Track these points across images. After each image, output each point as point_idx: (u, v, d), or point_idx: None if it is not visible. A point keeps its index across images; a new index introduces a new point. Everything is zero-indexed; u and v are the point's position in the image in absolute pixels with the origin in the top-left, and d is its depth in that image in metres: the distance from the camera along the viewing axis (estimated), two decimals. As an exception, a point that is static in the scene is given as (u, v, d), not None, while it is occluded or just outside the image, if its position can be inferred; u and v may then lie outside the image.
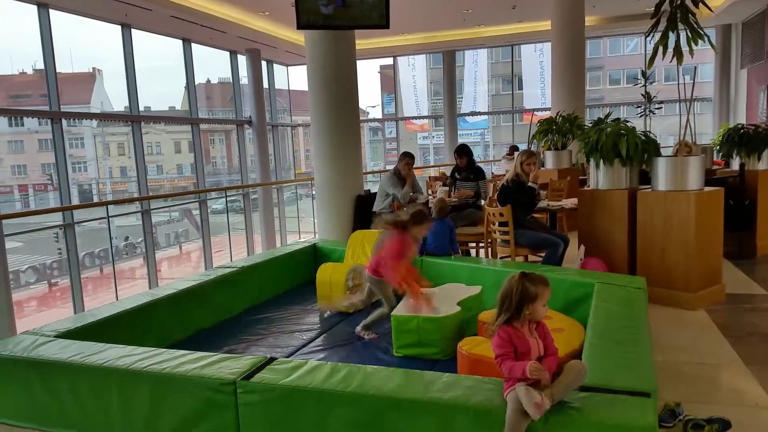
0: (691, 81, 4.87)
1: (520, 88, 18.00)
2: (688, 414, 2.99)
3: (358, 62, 6.95)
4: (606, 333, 3.19)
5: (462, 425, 2.45)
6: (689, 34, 4.87)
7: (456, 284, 4.44)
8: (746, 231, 6.31)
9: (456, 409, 2.45)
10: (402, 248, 3.94)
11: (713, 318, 4.57)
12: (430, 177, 9.54)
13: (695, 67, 5.31)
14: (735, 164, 6.66)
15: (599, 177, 5.13)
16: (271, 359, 3.03)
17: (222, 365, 2.97)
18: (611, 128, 4.98)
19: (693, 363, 3.76)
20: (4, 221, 6.82)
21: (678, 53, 4.91)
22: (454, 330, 3.78)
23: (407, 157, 6.53)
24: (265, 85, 14.61)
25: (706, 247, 4.74)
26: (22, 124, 21.10)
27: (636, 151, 4.85)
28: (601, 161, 5.01)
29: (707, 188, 4.81)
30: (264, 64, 14.50)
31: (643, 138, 4.97)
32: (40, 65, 8.94)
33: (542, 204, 5.42)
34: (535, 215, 5.59)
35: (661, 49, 4.93)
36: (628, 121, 5.23)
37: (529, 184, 5.30)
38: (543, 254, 5.19)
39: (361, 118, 7.14)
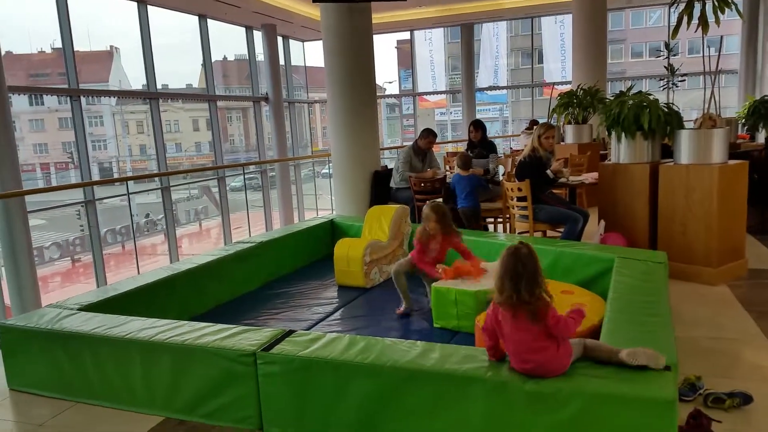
0: (717, 53, 4.75)
1: (540, 61, 17.72)
2: (708, 388, 2.96)
3: (374, 37, 6.88)
4: (626, 307, 3.17)
5: (478, 397, 2.46)
6: (715, 3, 4.73)
7: None
8: (770, 206, 6.20)
9: (472, 381, 2.45)
10: (419, 247, 4.18)
11: (735, 293, 4.51)
12: (447, 153, 9.46)
13: (721, 38, 5.16)
14: (760, 138, 6.52)
15: (620, 150, 5.05)
16: (290, 332, 3.05)
17: (242, 337, 3.00)
18: (633, 100, 4.89)
19: (714, 338, 3.72)
20: (27, 199, 6.93)
21: (703, 23, 4.77)
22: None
23: (431, 135, 6.49)
24: (281, 61, 14.55)
25: (728, 222, 4.67)
26: (42, 103, 21.29)
27: (658, 124, 4.76)
28: (623, 134, 4.92)
29: (731, 161, 4.71)
30: (280, 40, 14.42)
31: (666, 110, 4.87)
32: (59, 44, 8.98)
33: (562, 179, 5.35)
34: (554, 190, 5.54)
35: (685, 18, 4.80)
36: (650, 95, 5.13)
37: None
38: (562, 229, 5.14)
39: (377, 94, 7.08)
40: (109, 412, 3.17)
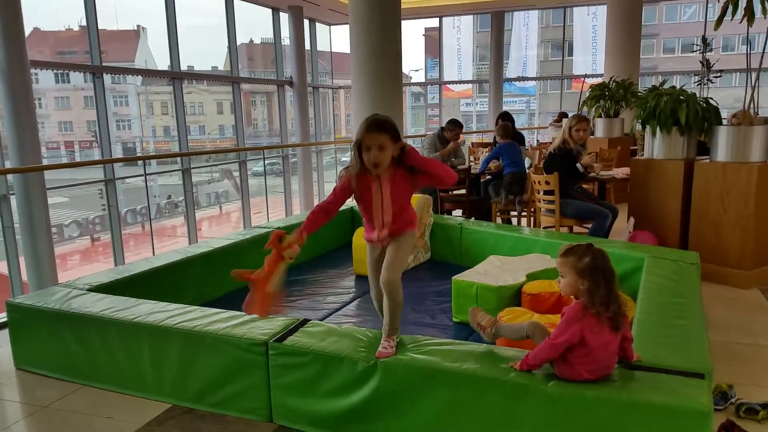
0: (761, 50, 4.51)
1: (571, 54, 17.36)
2: (740, 397, 2.80)
3: (402, 22, 6.70)
4: (657, 309, 3.00)
5: (496, 400, 2.32)
6: (763, -7, 4.49)
7: (543, 255, 4.19)
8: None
9: (491, 383, 2.32)
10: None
11: (769, 298, 4.31)
12: (472, 144, 9.27)
13: (767, 35, 4.91)
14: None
15: (654, 145, 4.85)
16: (304, 321, 2.94)
17: (254, 325, 2.90)
18: (670, 94, 4.67)
19: (746, 344, 3.53)
20: (49, 176, 6.91)
21: (750, 14, 4.53)
22: (512, 300, 3.62)
23: (458, 127, 6.33)
24: (307, 46, 14.41)
25: (764, 224, 4.45)
26: (68, 81, 21.45)
27: (696, 119, 4.55)
28: (658, 128, 4.71)
29: (771, 160, 4.49)
30: (306, 23, 14.28)
31: (704, 105, 4.65)
32: (85, 22, 8.94)
33: (592, 174, 5.16)
34: (583, 185, 5.35)
35: (731, 8, 4.56)
36: (686, 90, 4.90)
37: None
38: (589, 225, 4.96)
39: (403, 81, 6.91)
40: (116, 396, 3.10)
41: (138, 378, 3.07)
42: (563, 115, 9.04)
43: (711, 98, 4.74)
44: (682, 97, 4.66)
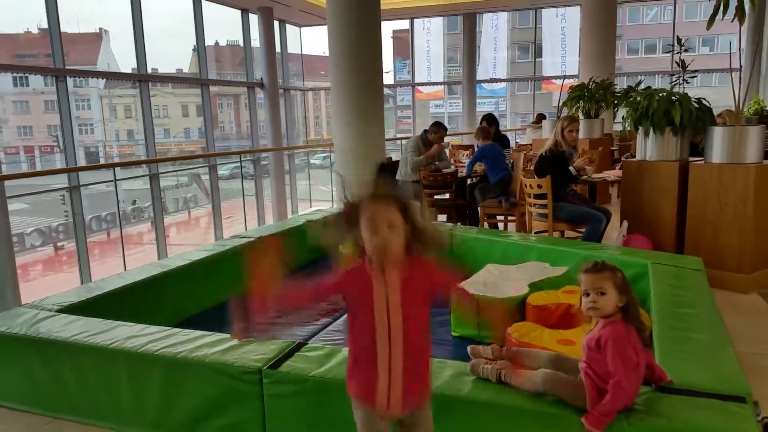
0: (735, 50, 4.44)
1: (540, 56, 17.38)
2: (767, 416, 2.65)
3: (374, 24, 6.49)
4: (675, 323, 2.84)
5: (524, 430, 2.12)
6: (754, -9, 4.41)
7: (541, 263, 4.03)
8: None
9: (522, 413, 2.11)
10: None
11: (770, 303, 4.21)
12: (452, 146, 9.11)
13: None
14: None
15: (647, 147, 4.73)
16: (300, 345, 2.69)
17: (244, 350, 2.64)
18: (663, 94, 4.56)
19: (760, 354, 3.40)
20: (9, 183, 6.49)
21: (740, 13, 4.45)
22: (516, 313, 3.42)
23: (442, 129, 6.15)
24: (278, 48, 14.09)
25: (763, 226, 4.36)
26: (27, 84, 20.68)
27: (690, 120, 4.44)
28: (651, 129, 4.59)
29: (766, 161, 4.40)
30: (276, 24, 13.96)
31: (697, 106, 4.55)
32: (45, 24, 8.50)
33: (584, 176, 5.03)
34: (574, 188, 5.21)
35: (722, 7, 4.47)
36: (664, 90, 4.78)
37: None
38: (582, 230, 4.82)
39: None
40: (91, 430, 2.81)
41: (116, 409, 2.78)
42: (541, 116, 8.95)
43: (704, 99, 4.64)
44: (674, 98, 4.55)
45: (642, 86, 5.34)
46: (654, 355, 2.19)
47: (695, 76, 9.77)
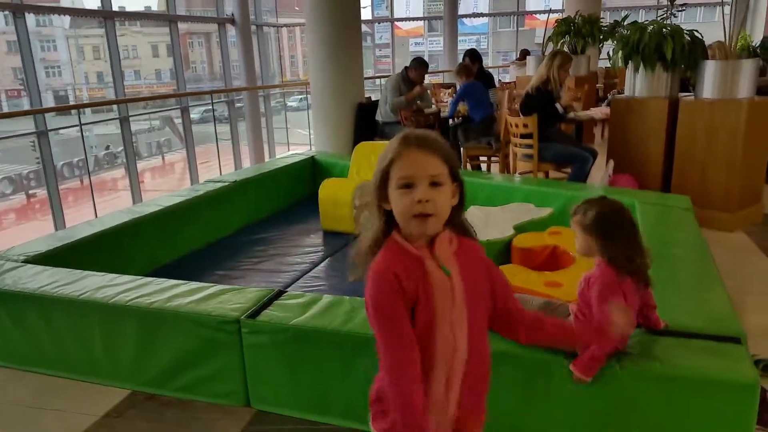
0: None
1: (523, -10, 16.88)
2: (756, 354, 2.62)
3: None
4: (664, 263, 2.76)
5: (517, 378, 2.05)
6: None
7: (526, 204, 3.91)
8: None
9: (504, 359, 2.03)
10: None
11: (755, 240, 4.19)
12: (435, 85, 8.85)
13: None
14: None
15: (636, 83, 4.58)
16: (279, 293, 2.58)
17: (221, 299, 2.52)
18: (654, 27, 4.38)
19: (747, 293, 3.38)
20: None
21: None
22: (502, 255, 3.32)
23: (422, 67, 5.90)
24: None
25: (751, 164, 4.30)
26: (-14, 24, 19.68)
27: (682, 54, 4.28)
28: (641, 64, 4.43)
29: (758, 97, 4.29)
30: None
31: (689, 39, 4.38)
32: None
33: (571, 114, 4.87)
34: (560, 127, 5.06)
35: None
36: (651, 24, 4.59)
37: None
38: (568, 170, 4.70)
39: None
40: (65, 383, 2.71)
41: (90, 362, 2.68)
42: (525, 52, 8.71)
43: (696, 31, 4.47)
44: (665, 30, 4.37)
45: (628, 21, 5.14)
46: (653, 304, 2.10)
47: (683, 10, 9.56)
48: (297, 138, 13.78)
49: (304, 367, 2.32)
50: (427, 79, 6.13)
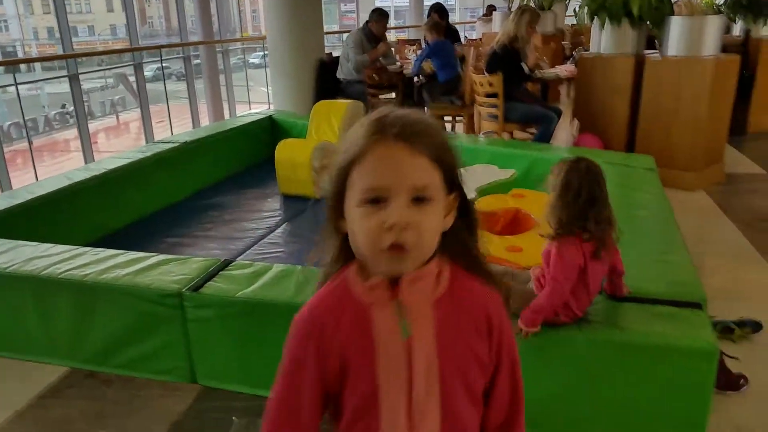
0: None
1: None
2: (713, 315, 2.59)
3: None
4: (626, 226, 2.67)
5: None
6: None
7: (489, 166, 3.75)
8: (741, 105, 5.83)
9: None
10: None
11: (716, 200, 4.18)
12: (400, 41, 8.57)
13: None
14: (735, 30, 6.05)
15: (602, 40, 4.47)
16: (226, 262, 2.43)
17: (162, 270, 2.36)
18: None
19: (707, 253, 3.35)
20: None
21: None
22: None
23: (384, 18, 5.65)
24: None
25: (715, 123, 4.25)
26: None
27: (649, 10, 4.16)
28: (607, 21, 4.29)
29: (722, 55, 4.21)
30: None
31: (656, -6, 4.26)
32: None
33: (538, 74, 4.73)
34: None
35: None
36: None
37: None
38: (532, 130, 4.59)
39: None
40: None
41: (24, 338, 2.50)
42: (491, 8, 8.48)
43: (663, -14, 4.34)
44: (632, -15, 4.24)
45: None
46: (621, 271, 2.01)
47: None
48: (260, 96, 13.37)
49: (254, 342, 2.20)
50: (392, 36, 5.90)
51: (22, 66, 9.17)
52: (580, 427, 1.95)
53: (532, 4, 7.27)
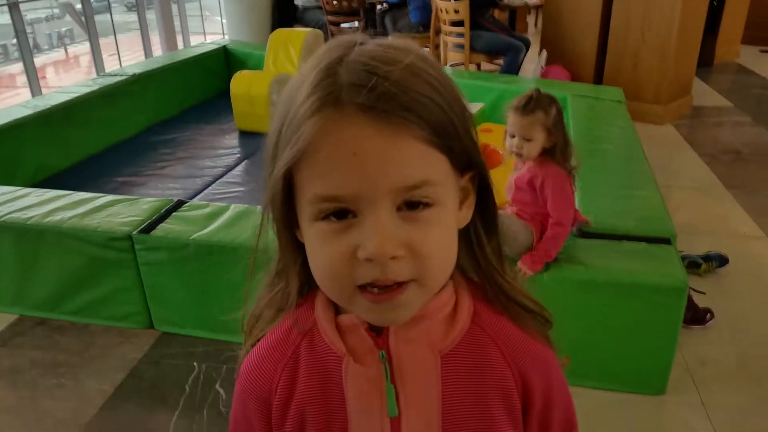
0: None
1: None
2: (681, 250, 2.58)
3: None
4: (594, 160, 2.63)
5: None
6: None
7: None
8: (709, 36, 5.76)
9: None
10: None
11: (682, 133, 4.16)
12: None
13: None
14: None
15: (572, -34, 4.28)
16: (180, 203, 2.29)
17: (111, 212, 2.22)
18: None
19: (674, 186, 3.34)
20: None
21: None
22: None
23: None
24: None
25: (684, 54, 4.18)
26: None
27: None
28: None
29: (693, -17, 4.09)
30: None
31: None
32: None
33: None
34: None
35: None
36: None
37: None
38: (499, 62, 4.45)
39: None
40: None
41: (-34, 287, 2.35)
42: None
43: None
44: None
45: None
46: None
47: None
48: (216, 27, 12.78)
49: (211, 286, 2.10)
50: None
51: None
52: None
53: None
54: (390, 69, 0.46)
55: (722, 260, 2.56)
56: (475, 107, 3.52)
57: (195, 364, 2.06)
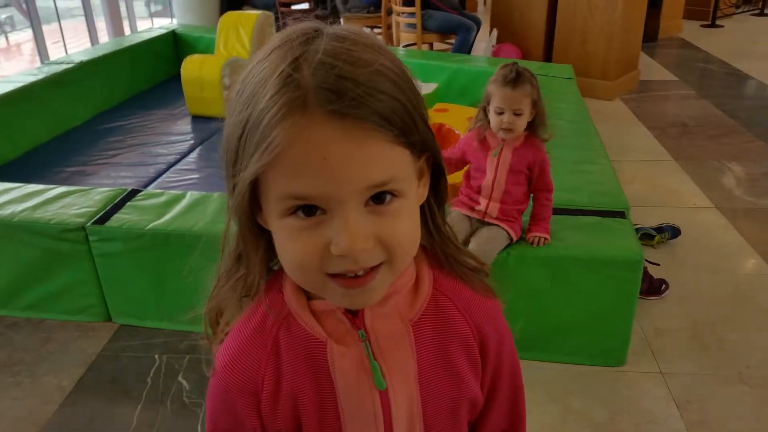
0: None
1: None
2: (635, 223, 2.67)
3: None
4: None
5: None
6: None
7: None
8: (652, 11, 5.89)
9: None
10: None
11: (631, 108, 4.27)
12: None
13: None
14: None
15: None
16: (134, 192, 2.25)
17: (64, 203, 2.16)
18: None
19: (625, 160, 3.43)
20: None
21: None
22: None
23: None
24: None
25: (630, 29, 4.28)
26: None
27: None
28: None
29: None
30: None
31: None
32: None
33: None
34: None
35: None
36: None
37: None
38: (451, 41, 4.47)
39: None
40: None
41: None
42: None
43: None
44: None
45: None
46: None
47: None
48: (165, 12, 12.44)
49: (170, 276, 2.07)
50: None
51: None
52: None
53: None
54: (357, 72, 0.47)
55: (674, 232, 2.65)
56: (429, 87, 3.54)
57: (156, 355, 2.04)
